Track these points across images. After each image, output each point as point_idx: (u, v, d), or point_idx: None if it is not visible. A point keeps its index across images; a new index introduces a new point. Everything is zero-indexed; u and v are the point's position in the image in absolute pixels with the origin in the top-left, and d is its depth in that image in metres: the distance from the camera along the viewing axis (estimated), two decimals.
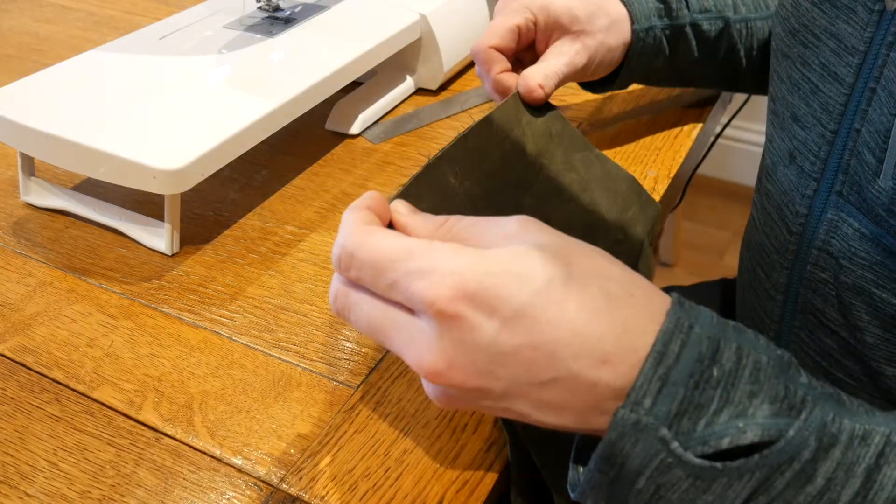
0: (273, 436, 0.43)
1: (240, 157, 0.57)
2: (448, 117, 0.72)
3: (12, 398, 0.45)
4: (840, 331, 0.48)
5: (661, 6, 0.61)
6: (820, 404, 0.33)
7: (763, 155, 0.57)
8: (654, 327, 0.33)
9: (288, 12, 0.72)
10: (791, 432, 0.32)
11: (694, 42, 0.62)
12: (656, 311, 0.33)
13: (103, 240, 0.58)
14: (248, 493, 0.40)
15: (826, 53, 0.46)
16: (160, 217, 0.56)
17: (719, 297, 0.78)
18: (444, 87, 0.77)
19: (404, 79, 0.76)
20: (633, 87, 0.72)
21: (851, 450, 0.32)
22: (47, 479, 0.41)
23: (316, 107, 0.63)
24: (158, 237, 0.56)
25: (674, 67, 0.63)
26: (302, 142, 0.69)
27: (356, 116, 0.70)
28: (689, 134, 0.69)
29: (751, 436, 0.31)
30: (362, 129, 0.70)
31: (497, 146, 0.46)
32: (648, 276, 0.50)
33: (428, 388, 0.35)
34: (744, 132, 1.93)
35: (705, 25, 0.62)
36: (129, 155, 0.53)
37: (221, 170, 0.56)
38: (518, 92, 0.51)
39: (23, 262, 0.56)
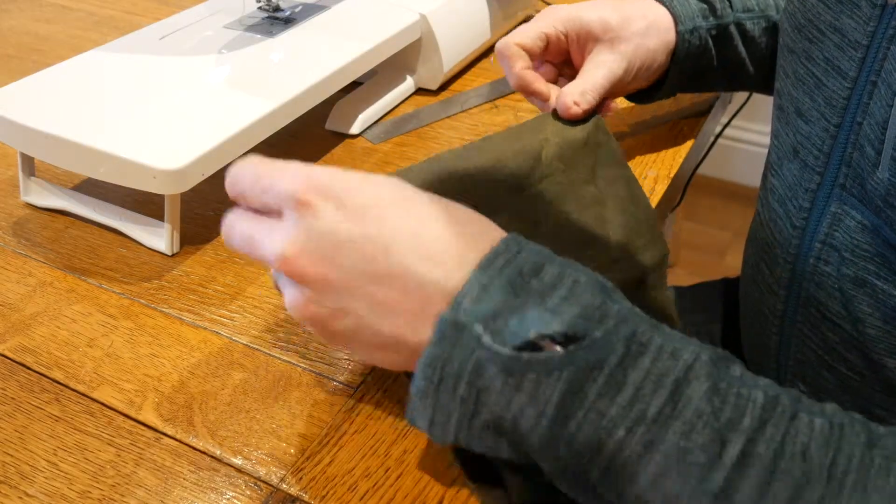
0: (273, 436, 0.43)
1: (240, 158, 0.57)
2: (448, 117, 0.72)
3: (12, 398, 0.45)
4: (842, 324, 0.48)
5: (705, 6, 0.60)
6: (633, 319, 0.35)
7: (768, 151, 0.58)
8: (487, 246, 0.36)
9: (288, 12, 0.72)
10: (598, 333, 0.33)
11: (739, 41, 0.61)
12: (493, 238, 0.37)
13: (103, 240, 0.58)
14: (248, 493, 0.40)
15: (830, 48, 0.47)
16: (160, 217, 0.56)
17: (720, 296, 0.78)
18: (444, 87, 0.77)
19: (404, 79, 0.76)
20: None
21: (661, 361, 0.33)
22: (47, 479, 0.41)
23: (316, 107, 0.63)
24: (158, 237, 0.56)
25: (722, 69, 0.63)
26: (302, 142, 0.69)
27: (356, 116, 0.70)
28: (689, 134, 0.69)
29: (555, 327, 0.33)
30: (362, 129, 0.70)
31: (508, 147, 0.48)
32: (662, 316, 0.50)
33: (287, 296, 0.38)
34: (744, 132, 1.93)
35: (748, 25, 0.61)
36: (129, 155, 0.53)
37: (221, 170, 0.56)
38: (554, 110, 0.52)
39: (23, 262, 0.56)
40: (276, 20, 0.71)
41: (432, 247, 0.37)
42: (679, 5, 0.59)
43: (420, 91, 0.77)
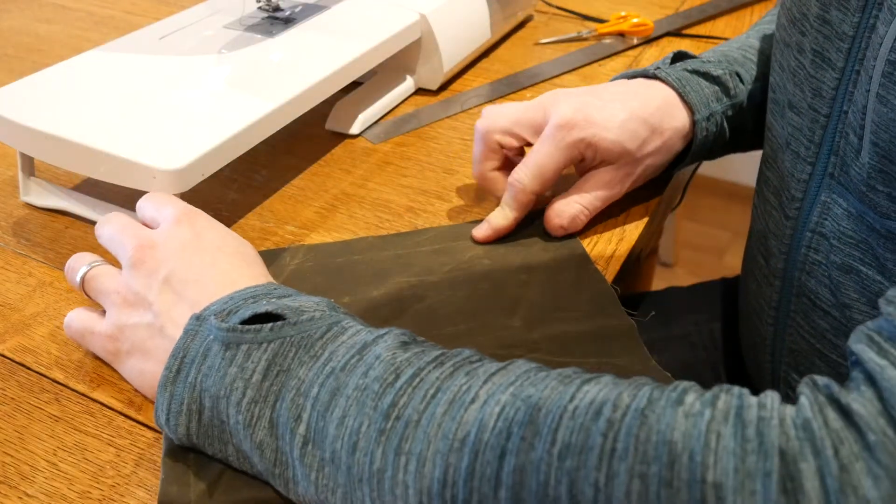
0: None
1: (240, 157, 0.57)
2: (448, 117, 0.72)
3: (12, 398, 0.45)
4: (831, 311, 0.49)
5: (717, 88, 0.58)
6: (345, 318, 0.40)
7: (764, 144, 0.58)
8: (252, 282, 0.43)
9: (288, 12, 0.72)
10: (304, 317, 0.39)
11: (749, 114, 0.60)
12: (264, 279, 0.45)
13: None
14: None
15: (819, 40, 0.47)
16: None
17: (719, 296, 0.78)
18: (444, 87, 0.77)
19: (404, 79, 0.76)
20: None
21: (358, 336, 0.38)
22: (47, 479, 0.41)
23: (316, 107, 0.63)
24: None
25: (733, 144, 0.61)
26: (302, 142, 0.69)
27: (356, 116, 0.70)
28: None
29: (267, 307, 0.39)
30: (362, 129, 0.70)
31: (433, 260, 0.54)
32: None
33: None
34: None
35: (756, 93, 0.60)
36: (129, 155, 0.53)
37: (221, 170, 0.56)
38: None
39: (23, 262, 0.56)
40: (276, 20, 0.71)
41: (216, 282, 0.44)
42: (693, 94, 0.56)
43: (420, 91, 0.77)
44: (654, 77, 0.57)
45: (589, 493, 0.30)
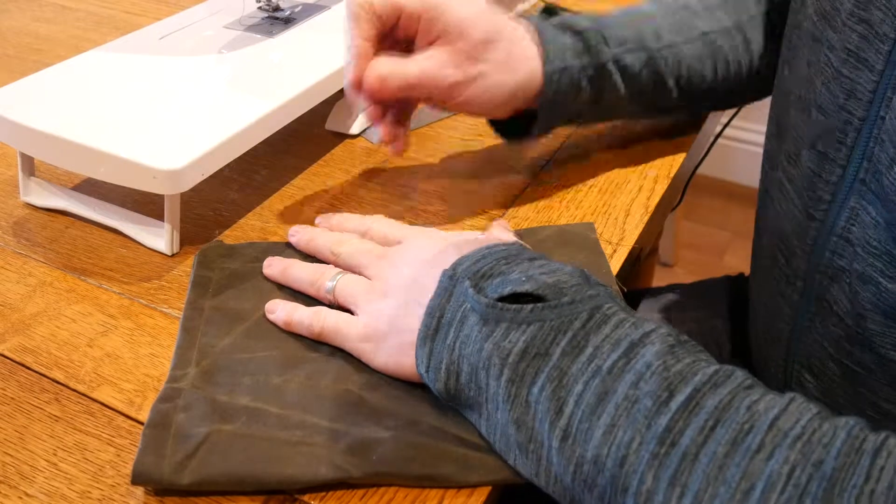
0: None
1: (240, 157, 0.57)
2: (448, 117, 0.72)
3: (12, 398, 0.45)
4: (846, 318, 0.48)
5: (579, 43, 0.56)
6: (604, 297, 0.39)
7: (779, 139, 0.56)
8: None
9: (288, 12, 0.72)
10: (565, 299, 0.38)
11: (620, 79, 0.58)
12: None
13: (103, 240, 0.58)
14: (248, 492, 0.40)
15: (854, 39, 0.45)
16: (160, 217, 0.56)
17: (723, 293, 0.78)
18: None
19: None
20: None
21: (621, 328, 0.37)
22: (47, 479, 0.41)
23: (316, 107, 0.63)
24: (158, 237, 0.56)
25: (599, 108, 0.60)
26: (302, 142, 0.69)
27: (356, 116, 0.70)
28: (688, 134, 0.69)
29: (528, 286, 0.39)
30: (362, 129, 0.70)
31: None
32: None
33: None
34: (744, 132, 1.93)
35: (628, 59, 0.58)
36: (129, 155, 0.53)
37: (221, 170, 0.56)
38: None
39: (23, 262, 0.56)
40: (276, 20, 0.71)
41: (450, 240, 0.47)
42: (551, 42, 0.55)
43: None
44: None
45: None
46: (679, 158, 0.66)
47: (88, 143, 0.54)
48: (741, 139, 1.94)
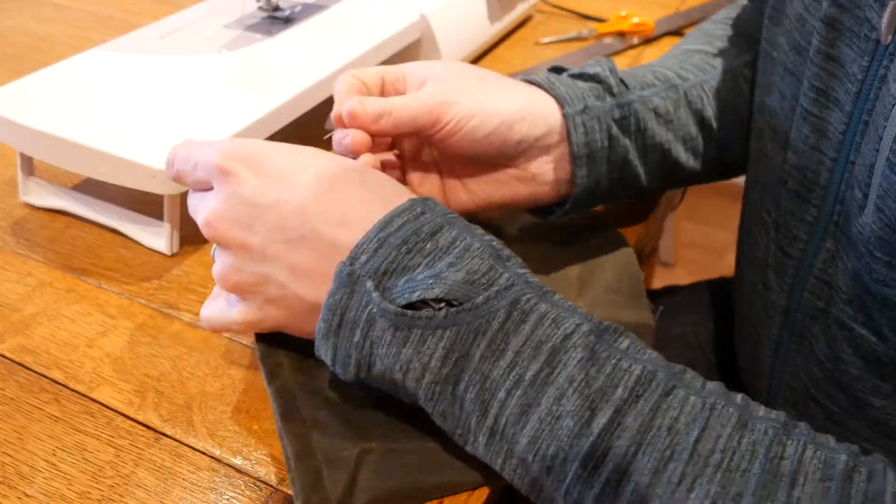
0: (273, 436, 0.43)
1: None
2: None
3: (11, 398, 0.45)
4: (826, 362, 0.47)
5: (597, 85, 0.50)
6: (520, 286, 0.37)
7: (753, 166, 0.54)
8: (391, 207, 0.39)
9: (288, 12, 0.72)
10: (479, 299, 0.36)
11: (655, 123, 0.51)
12: (399, 200, 0.39)
13: (103, 240, 0.58)
14: (248, 493, 0.40)
15: (823, 76, 0.44)
16: (160, 217, 0.56)
17: (716, 297, 0.78)
18: None
19: None
20: None
21: (541, 328, 0.35)
22: (46, 480, 0.41)
23: (316, 107, 0.63)
24: (158, 237, 0.56)
25: (643, 159, 0.51)
26: (302, 142, 0.69)
27: None
28: None
29: (437, 291, 0.36)
30: None
31: None
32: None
33: (215, 266, 0.42)
34: None
35: (657, 101, 0.51)
36: (129, 155, 0.53)
37: None
38: None
39: (22, 262, 0.56)
40: (276, 20, 0.71)
41: (340, 210, 0.39)
42: (562, 86, 0.49)
43: None
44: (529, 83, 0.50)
45: None
46: None
47: (88, 142, 0.54)
48: None
